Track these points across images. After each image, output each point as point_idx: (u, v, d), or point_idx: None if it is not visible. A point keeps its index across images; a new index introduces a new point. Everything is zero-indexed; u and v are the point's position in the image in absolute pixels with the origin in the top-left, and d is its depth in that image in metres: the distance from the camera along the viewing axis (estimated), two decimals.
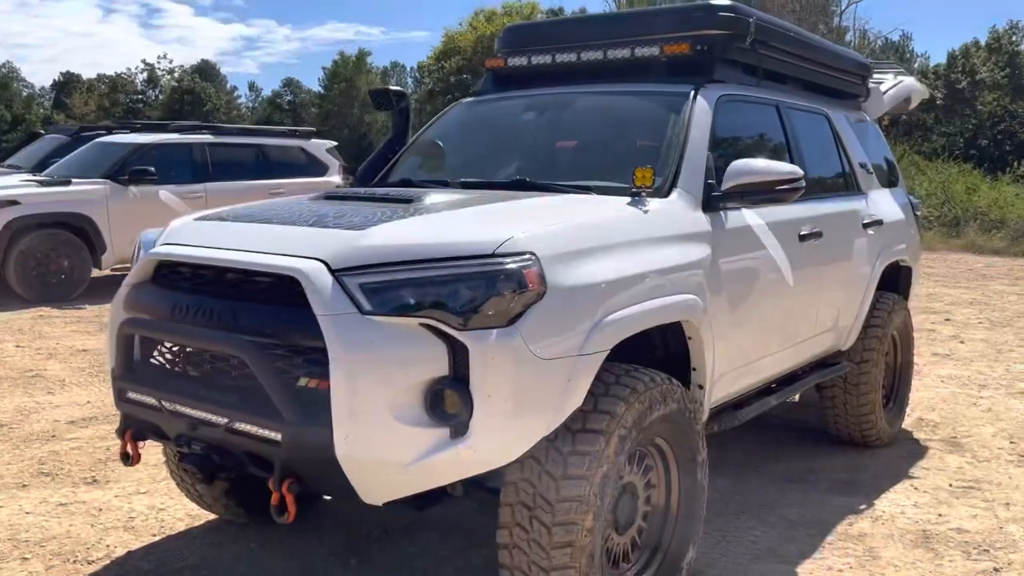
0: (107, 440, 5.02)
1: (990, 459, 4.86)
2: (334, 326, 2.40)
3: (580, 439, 2.58)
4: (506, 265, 2.44)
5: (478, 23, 45.46)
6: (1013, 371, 7.12)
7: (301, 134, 12.57)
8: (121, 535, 3.75)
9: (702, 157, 3.42)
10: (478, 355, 2.38)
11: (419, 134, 4.38)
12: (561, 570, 2.54)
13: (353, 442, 2.41)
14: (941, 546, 3.66)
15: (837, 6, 34.97)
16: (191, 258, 2.78)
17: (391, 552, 3.58)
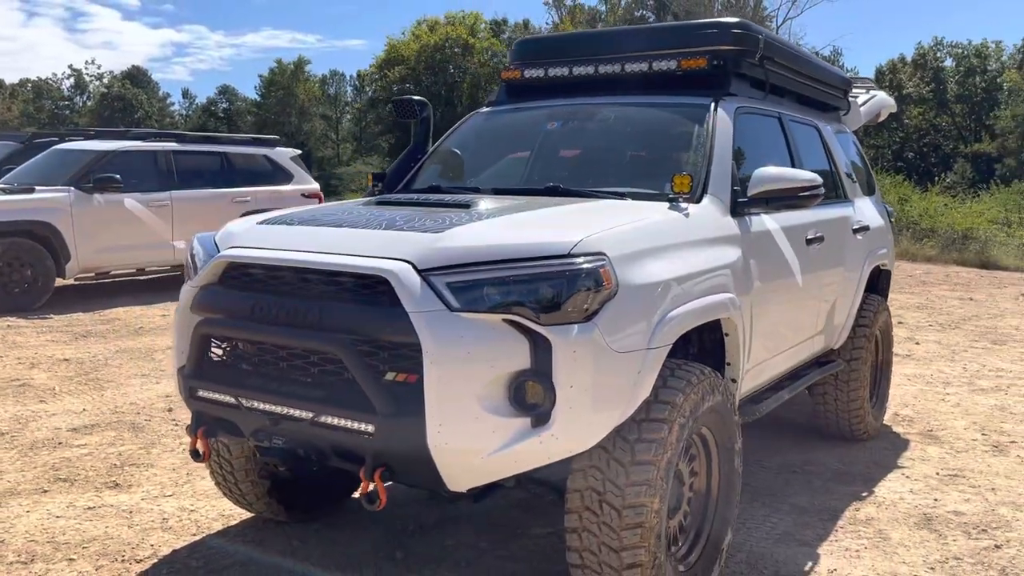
0: (116, 446, 5.03)
1: (967, 449, 5.20)
2: (426, 323, 2.55)
3: (645, 428, 2.77)
4: (584, 265, 2.62)
5: (421, 32, 45.60)
6: (970, 369, 7.56)
7: (265, 142, 12.54)
8: (161, 535, 3.80)
9: (727, 165, 3.65)
10: (561, 349, 2.55)
11: (440, 142, 4.53)
12: (632, 549, 2.72)
13: (445, 432, 2.56)
14: (943, 527, 3.95)
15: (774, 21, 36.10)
16: (271, 260, 2.89)
17: (432, 545, 3.71)
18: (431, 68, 44.79)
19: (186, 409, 5.54)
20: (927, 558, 3.62)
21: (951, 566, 3.55)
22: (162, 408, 5.82)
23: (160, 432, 5.32)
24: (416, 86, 45.37)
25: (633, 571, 2.74)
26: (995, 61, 45.86)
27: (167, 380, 6.57)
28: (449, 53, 44.83)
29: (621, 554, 2.73)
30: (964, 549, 3.71)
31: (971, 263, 18.39)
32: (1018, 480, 4.62)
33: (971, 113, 44.65)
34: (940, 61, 44.83)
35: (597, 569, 2.80)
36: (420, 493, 4.31)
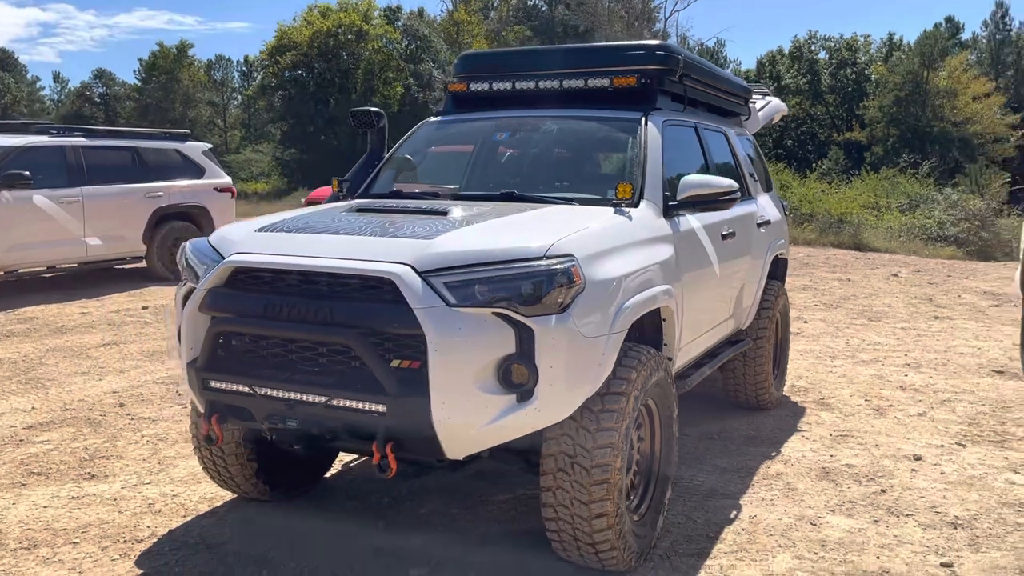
0: (78, 441, 5.24)
1: (853, 414, 5.98)
2: (429, 317, 3.00)
3: (607, 400, 3.29)
4: (558, 265, 3.12)
5: (313, 18, 44.89)
6: (852, 344, 8.47)
7: (176, 136, 12.50)
8: (154, 518, 4.11)
9: (659, 172, 4.21)
10: (542, 336, 3.05)
11: (394, 149, 4.93)
12: (600, 502, 3.25)
13: (446, 409, 3.02)
14: (839, 478, 4.65)
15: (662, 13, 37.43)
16: (282, 265, 3.26)
17: (408, 515, 4.15)
18: (324, 55, 44.22)
19: (139, 405, 5.85)
20: (828, 503, 4.30)
21: (847, 508, 4.24)
22: (113, 404, 6.02)
23: (118, 427, 5.54)
24: (308, 73, 44.77)
25: (601, 520, 3.27)
26: (864, 54, 48.78)
27: (111, 377, 6.74)
28: (343, 40, 44.36)
29: (591, 506, 3.26)
30: (857, 494, 4.41)
31: (846, 245, 19.91)
32: (896, 437, 5.40)
33: (843, 103, 47.35)
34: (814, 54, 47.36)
35: (570, 520, 3.31)
36: None
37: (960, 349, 8.19)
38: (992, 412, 5.99)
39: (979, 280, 14.04)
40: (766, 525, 4.02)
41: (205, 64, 70.03)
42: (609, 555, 3.37)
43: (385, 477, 3.15)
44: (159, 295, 10.61)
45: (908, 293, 12.32)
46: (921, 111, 42.78)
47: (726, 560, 3.68)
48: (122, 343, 7.94)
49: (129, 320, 9.06)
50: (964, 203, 27.67)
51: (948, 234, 26.25)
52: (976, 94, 43.04)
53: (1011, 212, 29.50)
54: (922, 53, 44.39)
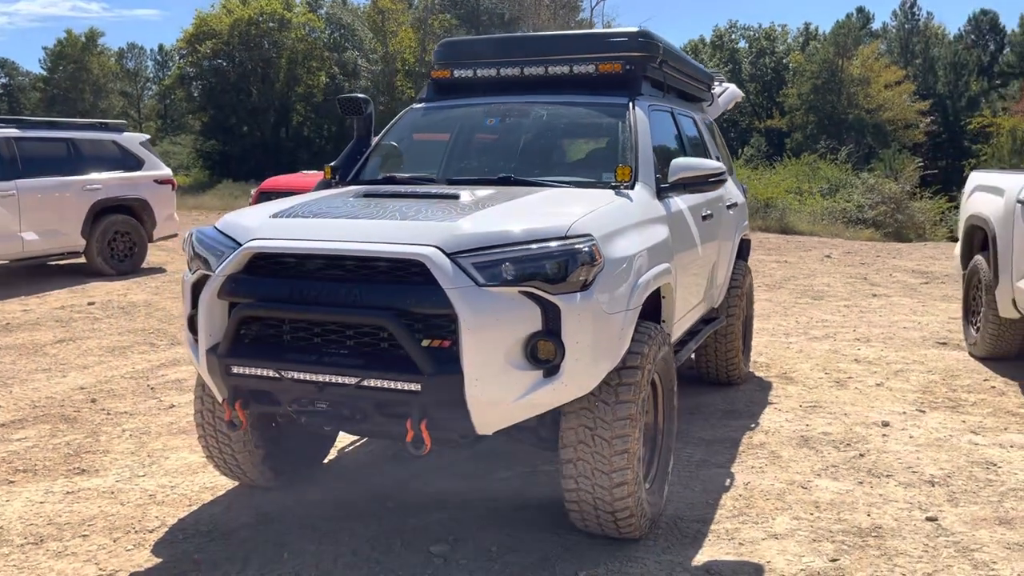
0: (58, 437, 5.13)
1: (817, 386, 6.27)
2: (461, 297, 3.08)
3: (624, 374, 3.43)
4: (581, 244, 3.23)
5: (233, 5, 43.90)
6: (802, 322, 8.82)
7: (112, 127, 12.14)
8: (160, 508, 4.09)
9: (650, 155, 4.36)
10: (568, 313, 3.16)
11: (381, 137, 4.95)
12: (621, 471, 3.38)
13: (479, 385, 3.11)
14: (818, 445, 4.90)
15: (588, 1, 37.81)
16: (307, 249, 3.29)
17: (417, 495, 4.22)
18: (245, 43, 43.33)
19: (112, 400, 5.78)
20: (813, 468, 4.54)
21: (832, 471, 4.48)
22: (84, 400, 5.89)
23: (95, 422, 5.44)
24: (229, 62, 43.81)
25: (621, 488, 3.40)
26: (782, 43, 50.33)
27: (75, 373, 6.59)
28: (264, 28, 43.52)
29: (612, 475, 3.39)
30: (838, 459, 4.67)
31: (773, 229, 20.60)
32: (862, 407, 5.69)
33: (763, 91, 48.78)
34: (735, 43, 48.66)
35: (590, 491, 3.44)
36: (384, 453, 4.81)
37: (902, 324, 8.63)
38: (943, 380, 6.36)
39: (905, 260, 14.73)
40: (761, 490, 4.23)
41: (116, 53, 67.74)
42: (628, 523, 3.51)
43: (420, 454, 3.22)
44: (103, 290, 10.33)
45: (843, 273, 12.85)
46: (837, 99, 44.33)
47: (730, 524, 3.86)
48: (77, 339, 7.75)
49: (77, 316, 8.82)
50: (880, 187, 28.90)
51: (867, 217, 27.38)
52: (887, 82, 44.82)
53: (923, 195, 30.88)
54: (836, 42, 45.96)
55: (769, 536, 3.73)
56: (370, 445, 4.96)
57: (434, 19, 44.39)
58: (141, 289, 10.51)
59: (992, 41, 57.64)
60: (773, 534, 3.75)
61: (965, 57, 53.71)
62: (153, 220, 11.95)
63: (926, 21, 57.08)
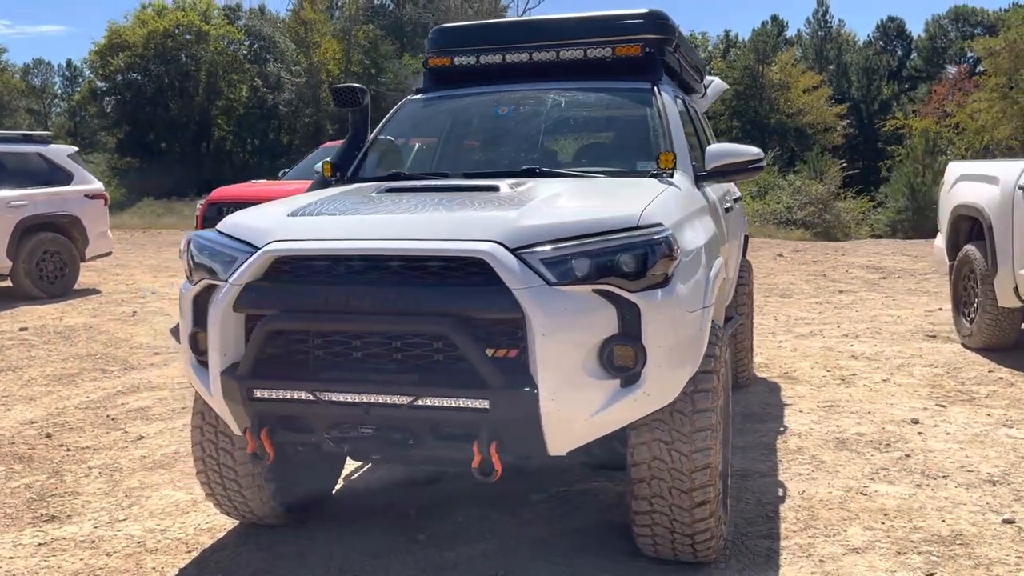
0: (15, 479, 4.51)
1: (824, 385, 6.04)
2: (531, 298, 2.67)
3: (700, 379, 3.06)
4: (658, 234, 2.85)
5: (147, 17, 42.28)
6: (781, 320, 8.64)
7: (37, 139, 11.28)
8: (155, 557, 3.54)
9: (684, 142, 4.03)
10: (649, 312, 2.78)
11: (378, 130, 4.50)
12: (702, 489, 3.01)
13: (556, 400, 2.70)
14: (857, 447, 4.63)
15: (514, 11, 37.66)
16: (344, 250, 2.83)
17: (445, 523, 3.77)
18: (161, 56, 41.74)
19: (69, 434, 5.19)
20: (863, 471, 4.26)
21: (884, 475, 4.21)
22: (37, 435, 5.24)
23: (55, 460, 4.82)
24: (145, 76, 42.15)
25: (703, 508, 3.03)
26: (703, 50, 51.13)
27: (21, 406, 5.90)
28: (180, 40, 42.02)
29: (692, 494, 3.02)
30: (884, 461, 4.40)
31: None
32: (880, 404, 5.47)
33: None
34: None
35: (667, 512, 3.06)
36: (392, 478, 4.34)
37: (882, 319, 8.52)
38: (947, 374, 6.20)
39: (853, 256, 14.82)
40: (820, 499, 3.92)
41: (21, 69, 64.85)
42: (706, 545, 3.14)
43: (490, 481, 2.80)
44: (35, 314, 9.51)
45: (801, 271, 12.82)
46: (759, 104, 45.22)
47: (801, 539, 3.53)
48: (16, 368, 7.01)
49: (10, 344, 8.04)
50: (807, 188, 29.46)
51: (796, 217, 27.86)
52: (806, 87, 45.90)
53: (847, 195, 31.66)
54: (756, 49, 46.91)
55: (849, 551, 3.41)
56: (377, 470, 4.48)
57: (357, 30, 43.66)
58: (77, 312, 9.72)
59: (899, 46, 59.76)
60: (852, 548, 3.43)
61: (876, 62, 55.50)
62: (85, 238, 11.11)
63: (838, 28, 58.84)
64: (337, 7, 49.17)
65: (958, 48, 53.79)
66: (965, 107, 37.28)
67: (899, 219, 32.87)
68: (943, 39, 56.90)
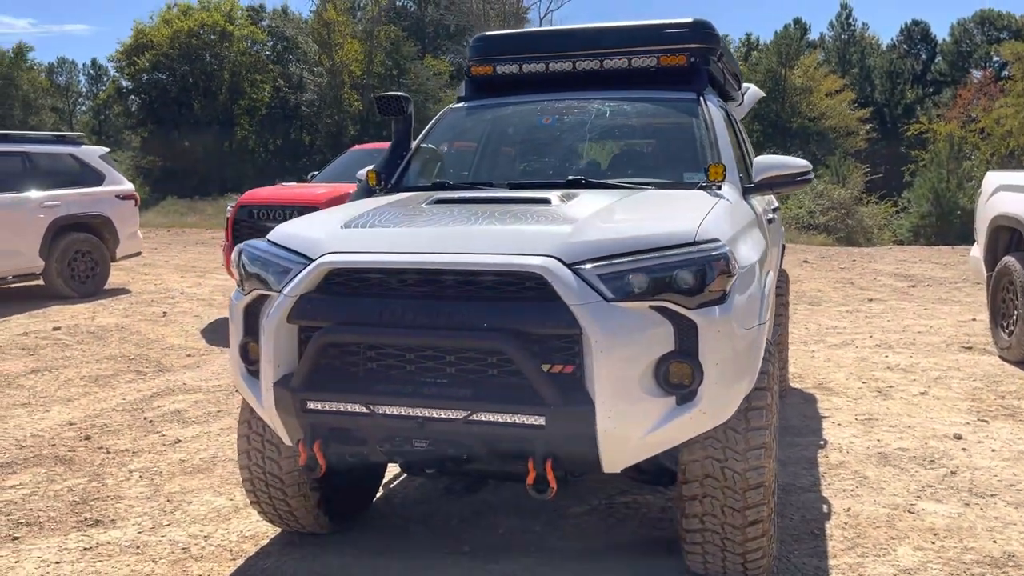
0: (57, 483, 4.54)
1: (860, 397, 5.98)
2: (590, 314, 2.65)
3: (754, 396, 3.03)
4: (715, 250, 2.83)
5: (172, 17, 42.61)
6: (812, 329, 8.57)
7: (69, 140, 11.38)
8: (201, 565, 3.55)
9: (731, 153, 4.00)
10: (706, 329, 2.75)
11: (420, 139, 4.49)
12: (755, 507, 2.98)
13: (613, 417, 2.68)
14: (900, 462, 4.58)
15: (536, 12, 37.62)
16: (401, 264, 2.82)
17: (488, 535, 3.76)
18: (186, 56, 42.05)
19: (108, 436, 5.19)
20: (908, 488, 4.21)
21: (931, 492, 4.16)
22: (76, 437, 5.28)
23: (96, 463, 4.84)
24: (169, 75, 42.48)
25: (756, 527, 3.01)
26: None
27: (59, 407, 5.95)
28: (205, 40, 42.31)
29: (745, 513, 2.99)
30: (930, 478, 4.34)
31: None
32: (920, 417, 5.41)
33: None
34: None
35: (719, 531, 3.03)
36: (434, 488, 4.33)
37: (915, 329, 8.44)
38: (987, 387, 6.13)
39: (880, 263, 14.69)
40: (866, 517, 3.87)
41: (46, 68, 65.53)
42: (757, 564, 3.11)
43: (545, 499, 2.78)
44: (67, 314, 9.59)
45: (828, 278, 12.72)
46: (781, 107, 44.90)
47: (850, 558, 3.49)
48: (52, 369, 7.07)
49: (44, 344, 8.10)
50: (829, 193, 29.23)
51: (818, 222, 27.65)
52: (828, 90, 45.58)
53: (869, 201, 31.40)
54: (779, 52, 46.60)
55: (900, 571, 3.37)
56: (416, 480, 4.47)
57: (380, 31, 43.76)
58: (108, 312, 9.79)
59: (924, 50, 59.25)
60: (903, 568, 3.39)
61: (900, 66, 55.10)
62: (116, 238, 11.20)
63: (861, 31, 58.46)
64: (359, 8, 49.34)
65: (983, 52, 53.32)
66: (991, 112, 36.95)
67: (922, 224, 32.61)
68: (968, 43, 56.35)
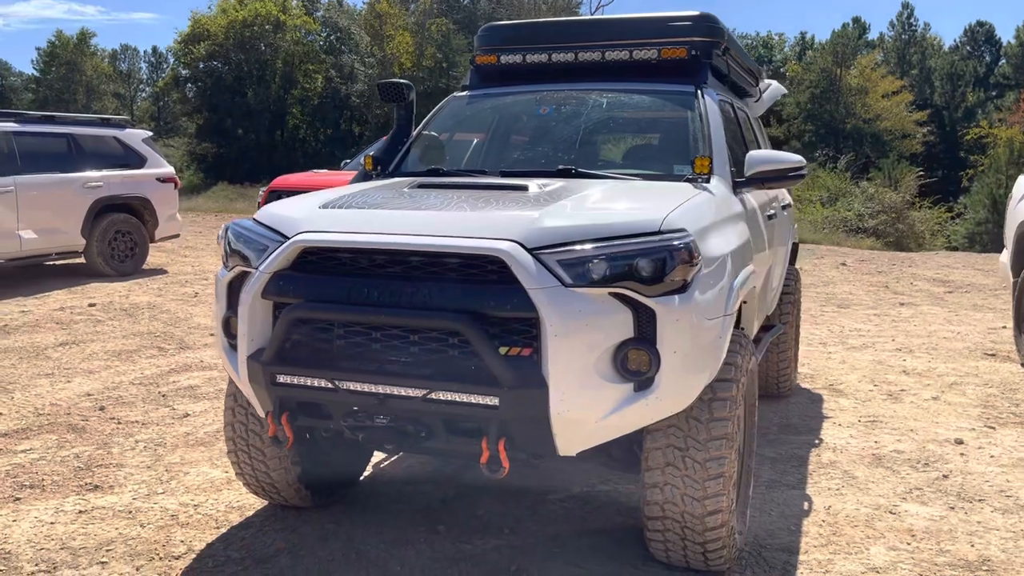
0: (66, 449, 4.72)
1: (869, 399, 5.91)
2: (546, 299, 2.70)
3: (718, 387, 3.05)
4: (678, 240, 2.85)
5: (228, 7, 43.39)
6: (835, 331, 8.47)
7: (114, 123, 11.70)
8: (185, 531, 3.68)
9: (724, 147, 4.00)
10: (665, 318, 2.78)
11: (422, 126, 4.56)
12: (715, 497, 3.00)
13: (566, 400, 2.72)
14: (893, 464, 4.53)
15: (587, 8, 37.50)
16: (369, 244, 2.89)
17: (467, 516, 3.83)
18: (240, 45, 42.80)
19: (121, 408, 5.36)
20: (895, 490, 4.17)
21: (917, 495, 4.11)
22: (91, 408, 5.48)
23: (105, 432, 5.03)
24: (225, 64, 43.28)
25: (715, 516, 3.02)
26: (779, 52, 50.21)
27: (80, 379, 6.16)
28: (259, 30, 43.01)
29: (704, 502, 3.01)
30: (920, 480, 4.30)
31: None
32: (925, 422, 5.33)
33: None
34: None
35: (679, 519, 3.06)
36: (423, 469, 4.41)
37: (941, 334, 8.28)
38: (1002, 394, 6.01)
39: (921, 268, 14.39)
40: (846, 515, 3.85)
41: (109, 54, 67.25)
42: (718, 554, 3.13)
43: (497, 477, 2.84)
44: (104, 292, 9.89)
45: (863, 281, 12.52)
46: (835, 108, 44.16)
47: (820, 555, 3.49)
48: (80, 343, 7.32)
49: (79, 319, 8.38)
50: (880, 196, 28.66)
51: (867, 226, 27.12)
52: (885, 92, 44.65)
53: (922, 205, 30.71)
54: (835, 51, 45.80)
55: (868, 570, 3.36)
56: (407, 460, 4.56)
57: (431, 23, 44.03)
58: (143, 291, 10.07)
59: (988, 52, 57.71)
60: (872, 567, 3.37)
61: (961, 68, 53.74)
62: (155, 220, 11.51)
63: (923, 32, 57.14)
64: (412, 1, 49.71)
65: None
66: None
67: (978, 231, 31.86)
68: None
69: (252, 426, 3.55)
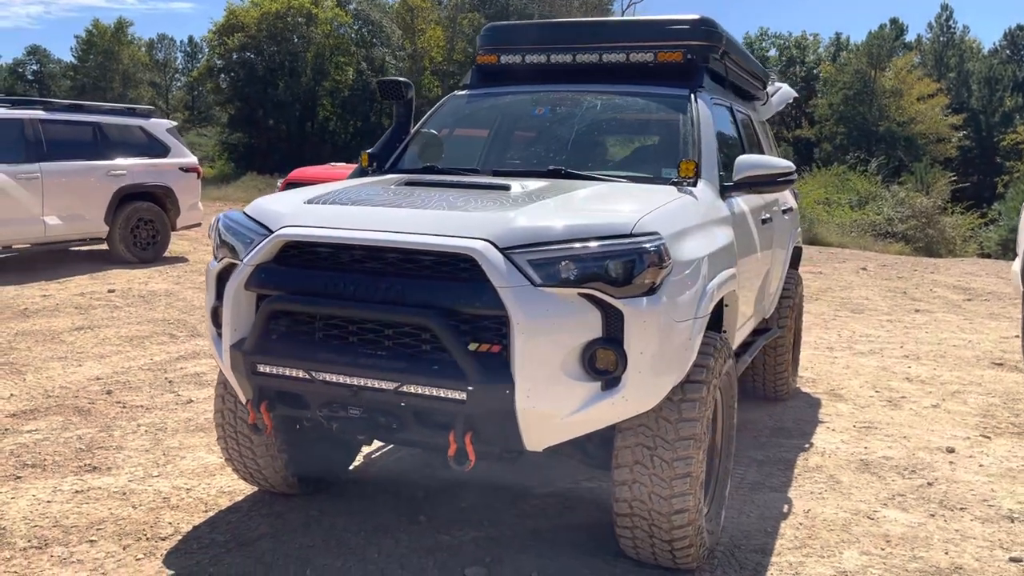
0: (70, 430, 4.87)
1: (868, 405, 5.91)
2: (515, 297, 2.76)
3: (688, 389, 3.10)
4: (649, 243, 2.90)
5: None
6: (844, 336, 8.45)
7: (140, 112, 11.92)
8: (174, 513, 3.80)
9: (714, 151, 4.03)
10: (632, 319, 2.83)
11: (421, 124, 4.64)
12: (681, 496, 3.06)
13: (532, 397, 2.79)
14: (880, 470, 4.55)
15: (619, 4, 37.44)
16: (346, 239, 2.98)
17: (449, 508, 3.91)
18: (273, 36, 43.21)
19: (128, 392, 5.50)
20: (878, 496, 4.19)
21: (899, 501, 4.13)
22: (99, 391, 5.63)
23: (110, 415, 5.17)
24: (258, 55, 43.72)
25: (681, 515, 3.08)
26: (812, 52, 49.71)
27: (91, 363, 6.33)
28: (292, 22, 43.39)
29: (671, 501, 3.06)
30: (904, 487, 4.31)
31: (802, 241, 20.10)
32: (920, 430, 5.32)
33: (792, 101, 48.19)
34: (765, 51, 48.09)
35: (646, 516, 3.11)
36: (413, 462, 4.50)
37: (952, 342, 8.23)
38: (1003, 404, 5.98)
39: (944, 275, 14.24)
40: (824, 519, 3.88)
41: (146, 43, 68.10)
42: (685, 552, 3.18)
43: (463, 470, 2.91)
44: (124, 278, 10.10)
45: (881, 287, 12.43)
46: (868, 110, 43.67)
47: (793, 557, 3.52)
48: (95, 327, 7.50)
49: (97, 304, 8.58)
50: (911, 201, 28.31)
51: (897, 230, 26.82)
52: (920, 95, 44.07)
53: (954, 211, 30.28)
54: (870, 53, 45.28)
55: (838, 573, 3.39)
56: (398, 452, 4.65)
57: (463, 18, 44.17)
58: (162, 278, 10.27)
59: None
60: (842, 571, 3.41)
61: (1000, 72, 52.84)
62: (177, 208, 11.71)
63: (961, 34, 56.26)
64: None
65: None
66: None
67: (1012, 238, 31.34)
68: None
69: (240, 413, 3.65)
